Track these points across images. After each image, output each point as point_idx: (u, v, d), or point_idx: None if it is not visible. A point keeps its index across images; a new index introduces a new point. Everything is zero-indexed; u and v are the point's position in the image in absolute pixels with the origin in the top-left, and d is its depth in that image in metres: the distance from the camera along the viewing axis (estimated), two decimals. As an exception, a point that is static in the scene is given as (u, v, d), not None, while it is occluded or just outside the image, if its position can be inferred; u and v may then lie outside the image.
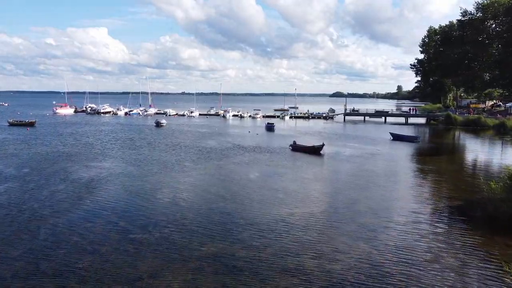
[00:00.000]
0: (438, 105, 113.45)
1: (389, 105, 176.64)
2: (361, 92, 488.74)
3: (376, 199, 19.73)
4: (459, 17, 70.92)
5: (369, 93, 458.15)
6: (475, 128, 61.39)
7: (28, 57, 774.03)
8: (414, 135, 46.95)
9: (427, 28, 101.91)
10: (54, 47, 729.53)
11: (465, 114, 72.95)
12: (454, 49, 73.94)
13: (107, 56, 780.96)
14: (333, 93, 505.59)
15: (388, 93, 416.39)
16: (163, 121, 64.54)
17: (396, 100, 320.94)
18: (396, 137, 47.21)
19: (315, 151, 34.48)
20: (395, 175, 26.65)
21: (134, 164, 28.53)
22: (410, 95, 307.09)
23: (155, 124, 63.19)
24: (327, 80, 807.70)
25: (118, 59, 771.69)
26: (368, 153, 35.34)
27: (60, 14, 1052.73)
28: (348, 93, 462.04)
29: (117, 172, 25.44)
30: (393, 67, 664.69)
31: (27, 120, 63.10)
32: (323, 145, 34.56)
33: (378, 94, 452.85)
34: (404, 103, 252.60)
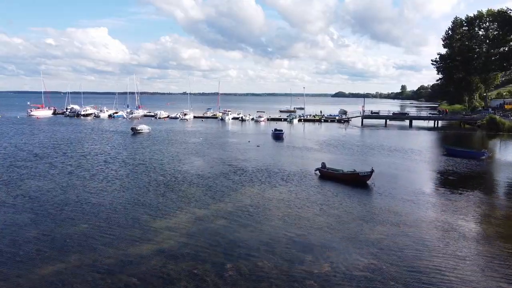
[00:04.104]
0: (458, 106, 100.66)
1: (393, 105, 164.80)
2: (363, 92, 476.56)
3: None
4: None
5: (372, 93, 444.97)
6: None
7: (28, 57, 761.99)
8: (479, 150, 33.86)
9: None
10: (54, 47, 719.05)
11: (510, 117, 60.46)
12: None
13: (107, 56, 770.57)
14: (335, 93, 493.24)
15: (392, 93, 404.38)
16: (141, 127, 50.94)
17: (400, 100, 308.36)
18: (452, 152, 34.37)
19: (358, 180, 21.93)
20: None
21: (46, 214, 15.79)
22: (415, 95, 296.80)
23: (131, 131, 50.29)
24: (328, 80, 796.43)
25: (119, 59, 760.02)
26: (435, 181, 23.24)
27: (59, 14, 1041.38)
28: (350, 93, 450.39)
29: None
30: (394, 66, 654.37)
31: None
32: (372, 171, 21.73)
33: (381, 94, 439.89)
34: (412, 103, 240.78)
